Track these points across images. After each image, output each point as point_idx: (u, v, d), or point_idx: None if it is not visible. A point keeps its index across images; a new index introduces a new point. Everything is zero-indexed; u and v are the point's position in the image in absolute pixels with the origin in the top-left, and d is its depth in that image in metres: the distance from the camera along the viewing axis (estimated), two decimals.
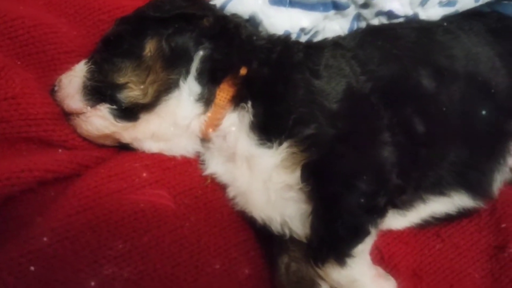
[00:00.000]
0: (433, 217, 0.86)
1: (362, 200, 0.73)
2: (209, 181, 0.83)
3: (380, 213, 0.76)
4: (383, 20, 0.96)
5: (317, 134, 0.75)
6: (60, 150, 0.76)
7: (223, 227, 0.80)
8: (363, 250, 0.75)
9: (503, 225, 0.90)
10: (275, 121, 0.77)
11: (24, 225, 0.68)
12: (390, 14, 0.94)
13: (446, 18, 0.95)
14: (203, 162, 0.85)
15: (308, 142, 0.75)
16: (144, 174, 0.78)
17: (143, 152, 0.82)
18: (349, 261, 0.74)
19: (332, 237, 0.74)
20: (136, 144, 0.83)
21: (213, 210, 0.81)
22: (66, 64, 0.82)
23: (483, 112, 0.82)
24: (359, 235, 0.74)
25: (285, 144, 0.76)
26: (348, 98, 0.78)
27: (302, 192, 0.77)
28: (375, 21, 0.97)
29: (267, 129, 0.77)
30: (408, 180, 0.78)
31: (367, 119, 0.77)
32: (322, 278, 0.76)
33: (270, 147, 0.77)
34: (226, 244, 0.78)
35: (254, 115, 0.78)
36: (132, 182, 0.77)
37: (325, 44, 0.89)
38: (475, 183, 0.83)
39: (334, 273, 0.74)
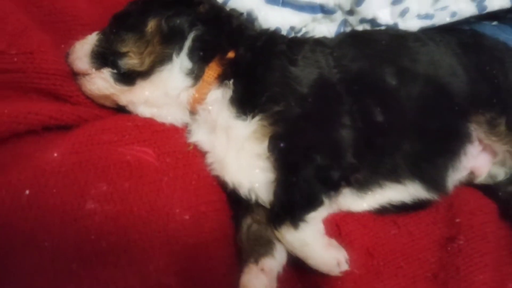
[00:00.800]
0: (390, 204, 0.94)
1: (317, 172, 0.84)
2: (191, 147, 0.94)
3: (333, 186, 0.85)
4: (367, 27, 1.07)
5: (285, 111, 0.86)
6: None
7: (198, 186, 0.90)
8: (315, 217, 0.84)
9: (457, 220, 0.98)
10: (251, 98, 0.88)
11: (25, 157, 0.80)
12: (373, 22, 1.05)
13: (423, 30, 1.05)
14: (189, 132, 0.96)
15: (276, 117, 0.86)
16: (134, 132, 0.90)
17: (137, 115, 0.94)
18: (302, 225, 0.83)
19: (290, 202, 0.84)
20: (131, 107, 0.94)
21: (191, 171, 0.91)
22: (81, 35, 0.94)
23: (438, 112, 0.91)
24: (312, 202, 0.84)
25: (257, 118, 0.87)
26: (317, 85, 0.89)
27: (269, 161, 0.87)
28: (360, 28, 1.08)
29: (243, 104, 0.88)
30: (362, 161, 0.87)
31: (330, 103, 0.88)
32: (278, 240, 0.85)
33: (245, 120, 0.88)
34: (198, 200, 0.88)
35: (234, 92, 0.89)
36: (123, 137, 0.88)
37: (307, 40, 1.00)
38: (428, 176, 0.92)
39: (288, 234, 0.83)
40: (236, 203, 0.91)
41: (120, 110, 0.96)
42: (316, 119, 0.86)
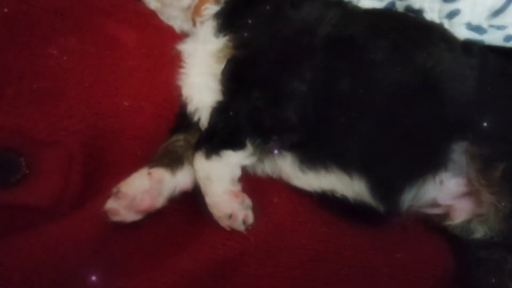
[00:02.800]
0: (333, 195, 0.84)
1: (251, 110, 0.79)
2: (174, 51, 0.94)
3: (260, 132, 0.79)
4: None
5: (253, 39, 0.83)
6: None
7: (155, 86, 0.90)
8: (231, 158, 0.79)
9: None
10: (232, 18, 0.87)
11: None
12: (418, 14, 0.93)
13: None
14: (183, 41, 0.96)
15: (242, 41, 0.83)
16: (129, 14, 0.93)
17: (143, 3, 0.98)
18: (214, 158, 0.79)
19: (213, 130, 0.81)
20: None
21: (159, 73, 0.91)
22: None
23: (419, 113, 0.78)
24: (233, 140, 0.79)
25: (226, 37, 0.85)
26: (300, 32, 0.82)
27: (219, 84, 0.84)
28: None
29: (223, 22, 0.87)
30: (303, 123, 0.79)
31: (300, 52, 0.81)
32: (190, 163, 0.82)
33: (217, 37, 0.86)
34: (148, 97, 0.88)
35: (222, 9, 0.89)
36: (117, 13, 0.92)
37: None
38: (379, 180, 0.79)
39: (198, 161, 0.80)
40: (181, 118, 0.89)
41: None
42: (276, 60, 0.80)
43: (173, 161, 0.82)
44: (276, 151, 0.83)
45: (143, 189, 0.76)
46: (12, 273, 0.65)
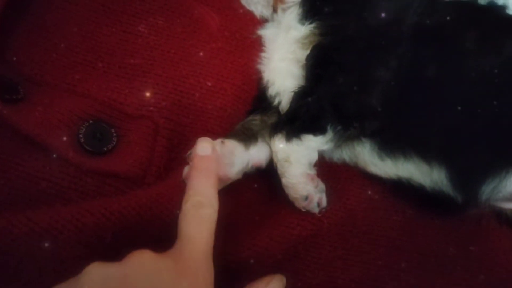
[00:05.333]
0: (409, 182, 0.84)
1: (334, 95, 0.80)
2: (255, 36, 0.96)
3: (342, 118, 0.80)
4: None
5: (340, 27, 0.83)
6: None
7: (236, 69, 0.92)
8: (311, 142, 0.80)
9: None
10: (320, 6, 0.87)
11: None
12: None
13: None
14: (263, 26, 0.99)
15: (329, 29, 0.83)
16: (217, 1, 0.96)
17: None
18: (295, 141, 0.80)
19: (295, 114, 0.82)
20: None
21: (239, 55, 0.93)
22: None
23: (508, 104, 0.76)
24: (315, 125, 0.80)
25: (313, 24, 0.86)
26: (386, 21, 0.82)
27: (303, 70, 0.85)
28: None
29: (310, 9, 0.88)
30: (386, 110, 0.79)
31: (387, 40, 0.81)
32: (264, 140, 0.85)
33: (303, 24, 0.88)
34: (228, 78, 0.91)
35: None
36: None
37: None
38: (460, 169, 0.79)
39: (278, 143, 0.81)
40: (259, 100, 0.91)
41: None
42: (363, 48, 0.81)
43: (248, 136, 0.84)
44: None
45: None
46: (106, 233, 0.69)
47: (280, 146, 0.81)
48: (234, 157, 0.80)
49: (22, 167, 0.73)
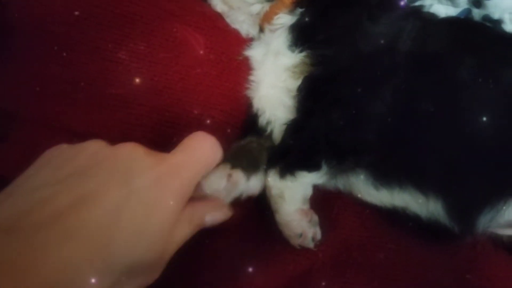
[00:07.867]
0: (404, 211, 0.83)
1: (328, 131, 0.77)
2: (241, 57, 0.92)
3: (337, 154, 0.77)
4: None
5: (333, 57, 0.79)
6: None
7: (225, 94, 0.88)
8: (305, 178, 0.78)
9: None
10: (310, 32, 0.83)
11: None
12: (496, 25, 0.89)
13: None
14: (249, 46, 0.94)
15: (321, 59, 0.80)
16: (196, 18, 0.90)
17: (209, 6, 0.95)
18: (289, 178, 0.78)
19: (288, 149, 0.80)
20: None
21: (227, 79, 0.89)
22: None
23: (508, 136, 0.74)
24: (309, 162, 0.78)
25: (303, 53, 0.82)
26: (381, 49, 0.79)
27: (294, 101, 0.82)
28: None
29: (300, 35, 0.84)
30: (381, 143, 0.77)
31: (381, 71, 0.78)
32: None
33: (293, 51, 0.84)
34: (216, 105, 0.87)
35: (298, 20, 0.85)
36: (184, 15, 0.89)
37: (415, 8, 0.89)
38: (457, 200, 0.77)
39: (272, 179, 0.79)
40: (250, 124, 0.88)
41: None
42: (357, 80, 0.77)
43: (250, 163, 0.80)
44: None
45: (217, 188, 0.72)
46: None
47: (274, 182, 0.78)
48: (235, 188, 0.76)
49: None
